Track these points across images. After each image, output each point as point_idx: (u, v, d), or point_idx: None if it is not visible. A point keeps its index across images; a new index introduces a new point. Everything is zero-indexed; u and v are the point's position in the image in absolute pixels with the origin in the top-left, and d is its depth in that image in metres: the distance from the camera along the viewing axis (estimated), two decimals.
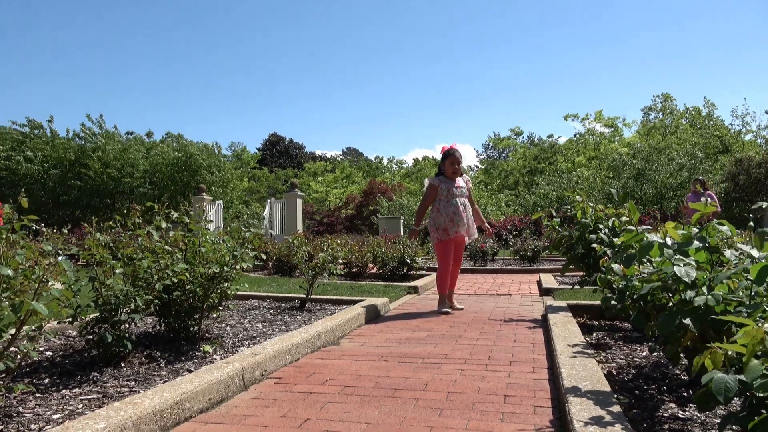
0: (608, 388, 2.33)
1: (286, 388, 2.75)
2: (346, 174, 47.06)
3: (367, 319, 4.72)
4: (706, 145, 29.85)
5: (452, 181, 5.40)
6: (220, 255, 3.48)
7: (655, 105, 38.95)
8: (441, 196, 5.36)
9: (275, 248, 9.03)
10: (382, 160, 56.02)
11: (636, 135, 38.18)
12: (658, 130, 36.28)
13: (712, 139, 32.47)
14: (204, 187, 18.43)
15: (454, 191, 5.35)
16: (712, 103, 35.85)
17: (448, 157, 5.43)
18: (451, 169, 5.39)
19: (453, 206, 5.28)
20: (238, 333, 3.88)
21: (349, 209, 34.22)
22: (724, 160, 27.27)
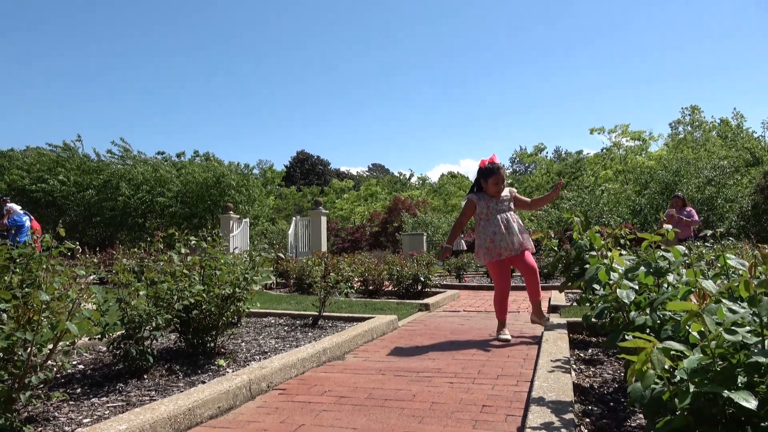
0: (570, 399, 2.58)
1: (288, 398, 3.07)
2: (369, 192, 47.55)
3: (374, 335, 5.02)
4: (736, 157, 29.38)
5: (494, 198, 4.85)
6: (234, 277, 3.85)
7: (683, 118, 38.53)
8: (481, 214, 4.83)
9: (295, 266, 9.40)
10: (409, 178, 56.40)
11: (664, 148, 37.77)
12: (687, 143, 35.87)
13: (742, 151, 31.94)
14: (231, 206, 19.04)
15: (495, 207, 4.80)
16: (741, 114, 35.31)
17: (492, 176, 4.79)
18: (495, 189, 4.80)
19: (494, 225, 4.75)
20: (251, 348, 4.22)
21: (374, 226, 34.62)
22: (754, 173, 26.83)
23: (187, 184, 24.44)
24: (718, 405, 1.63)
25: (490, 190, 4.82)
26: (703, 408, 1.61)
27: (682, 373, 1.66)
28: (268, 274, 4.24)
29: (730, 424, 1.66)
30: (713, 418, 1.65)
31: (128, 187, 23.71)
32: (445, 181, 54.13)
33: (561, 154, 47.31)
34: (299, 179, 58.80)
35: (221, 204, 23.34)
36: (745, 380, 1.69)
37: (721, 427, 1.60)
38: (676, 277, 2.34)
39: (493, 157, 4.94)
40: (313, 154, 63.19)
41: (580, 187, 29.34)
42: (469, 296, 9.17)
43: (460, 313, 6.90)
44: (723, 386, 1.56)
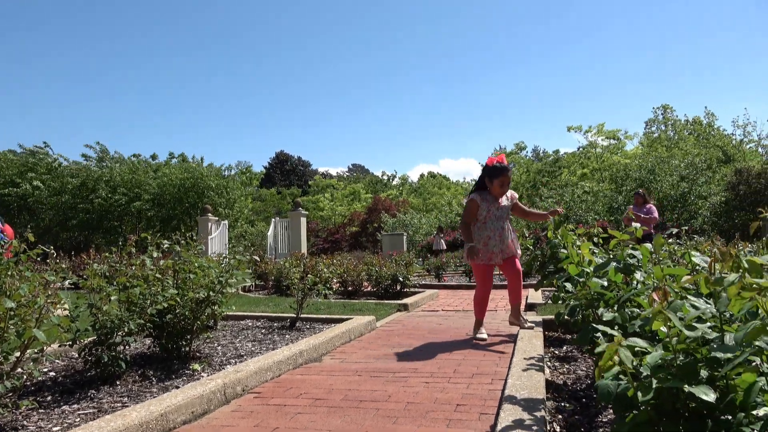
0: (542, 396, 2.61)
1: (264, 402, 3.06)
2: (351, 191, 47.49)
3: (352, 336, 5.02)
4: (708, 155, 29.99)
5: (496, 200, 4.83)
6: (209, 280, 3.81)
7: (656, 117, 39.19)
8: (480, 216, 4.81)
9: (274, 268, 9.35)
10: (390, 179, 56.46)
11: (639, 147, 38.40)
12: (661, 142, 36.49)
13: (714, 150, 32.61)
14: (209, 208, 18.85)
15: (494, 213, 4.80)
16: (713, 113, 36.09)
17: (500, 176, 4.75)
18: (501, 190, 4.79)
19: (490, 230, 4.77)
20: (227, 352, 4.19)
21: (354, 226, 34.58)
22: (725, 171, 27.40)
23: (164, 187, 24.13)
24: (680, 399, 1.67)
25: (495, 190, 4.79)
26: (666, 403, 1.64)
27: (647, 369, 1.69)
28: (243, 277, 4.21)
29: (692, 418, 1.69)
30: (676, 413, 1.68)
31: (105, 189, 23.34)
32: (425, 181, 54.32)
33: (539, 153, 47.76)
34: (279, 180, 58.47)
35: (199, 206, 23.10)
36: (707, 375, 1.73)
37: (683, 420, 1.64)
38: (643, 275, 2.39)
39: (501, 157, 4.87)
40: (294, 155, 62.91)
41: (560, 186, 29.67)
42: (448, 296, 9.21)
43: (439, 312, 6.93)
44: (684, 381, 1.59)
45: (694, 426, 1.64)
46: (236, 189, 27.05)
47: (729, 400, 1.62)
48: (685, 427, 1.63)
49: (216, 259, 4.08)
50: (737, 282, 1.38)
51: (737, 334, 1.41)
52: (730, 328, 1.65)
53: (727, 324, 1.73)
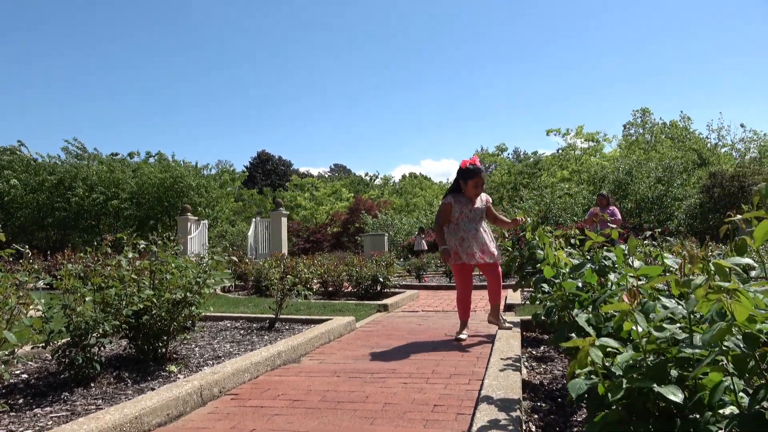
0: (518, 396, 2.63)
1: (241, 403, 3.04)
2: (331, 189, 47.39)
3: (332, 337, 5.01)
4: (684, 158, 30.52)
5: (470, 202, 4.89)
6: (186, 281, 3.77)
7: (635, 120, 39.80)
8: (452, 217, 4.87)
9: (253, 268, 9.29)
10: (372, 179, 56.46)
11: (617, 149, 38.93)
12: (639, 144, 37.04)
13: (690, 153, 33.20)
14: (189, 208, 18.66)
15: (468, 214, 4.85)
16: (688, 117, 36.78)
17: (473, 178, 4.83)
18: (474, 192, 4.86)
19: (463, 230, 4.83)
20: (205, 353, 4.15)
21: (336, 226, 34.51)
22: (700, 173, 27.93)
23: (142, 186, 23.84)
24: (650, 399, 1.70)
25: (469, 191, 4.86)
26: (636, 402, 1.66)
27: (618, 368, 1.72)
28: (222, 278, 4.17)
29: (662, 417, 1.73)
30: (646, 412, 1.71)
31: (82, 187, 22.97)
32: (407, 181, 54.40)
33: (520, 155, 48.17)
34: (261, 180, 58.12)
35: (179, 206, 22.87)
36: (677, 375, 1.76)
37: (652, 420, 1.66)
38: (617, 276, 2.43)
39: (474, 159, 4.93)
40: (275, 155, 62.57)
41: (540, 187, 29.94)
42: (429, 296, 9.24)
43: (419, 313, 6.95)
44: (654, 381, 1.62)
45: (664, 425, 1.67)
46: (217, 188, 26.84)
47: (697, 399, 1.66)
48: (655, 426, 1.65)
49: (194, 260, 4.05)
50: (704, 284, 1.41)
51: (704, 335, 1.44)
52: (699, 328, 1.68)
53: (697, 325, 1.77)
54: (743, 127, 42.78)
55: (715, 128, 36.90)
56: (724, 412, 1.63)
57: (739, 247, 1.73)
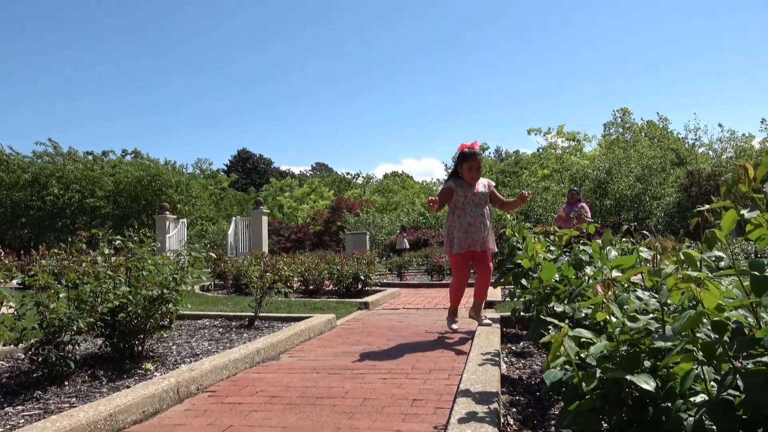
0: (496, 389, 2.66)
1: (218, 400, 3.02)
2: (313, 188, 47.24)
3: (312, 335, 5.00)
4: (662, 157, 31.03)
5: (471, 186, 4.78)
6: (163, 278, 3.74)
7: (615, 119, 40.32)
8: (457, 203, 4.73)
9: (233, 267, 9.23)
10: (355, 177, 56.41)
11: (597, 149, 39.43)
12: (619, 143, 37.56)
13: (668, 152, 33.77)
14: (167, 206, 18.48)
15: (472, 198, 4.73)
16: (666, 117, 37.37)
17: (467, 160, 4.72)
18: (469, 175, 4.75)
19: (469, 216, 4.70)
20: (182, 351, 4.12)
21: (317, 225, 34.42)
22: (679, 173, 28.43)
23: (119, 184, 23.53)
24: (623, 389, 1.73)
25: (465, 175, 4.75)
26: (610, 392, 1.70)
27: (592, 359, 1.75)
28: (200, 275, 4.15)
29: (636, 406, 1.76)
30: (620, 401, 1.74)
31: (57, 185, 22.58)
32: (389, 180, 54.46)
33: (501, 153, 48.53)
34: (241, 178, 57.70)
35: (157, 204, 22.62)
36: (650, 364, 1.80)
37: (625, 408, 1.70)
38: (593, 269, 2.47)
39: (474, 143, 4.83)
40: (255, 153, 62.17)
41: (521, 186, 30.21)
42: (410, 294, 9.26)
43: (399, 310, 6.96)
44: (627, 371, 1.65)
45: (637, 413, 1.70)
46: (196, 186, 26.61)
47: (669, 388, 1.69)
48: (628, 414, 1.69)
49: (171, 257, 4.01)
50: (674, 273, 1.44)
51: (674, 324, 1.47)
52: (671, 319, 1.72)
53: (669, 315, 1.81)
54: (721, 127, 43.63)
55: (692, 128, 37.59)
56: (695, 400, 1.67)
57: (710, 239, 1.77)
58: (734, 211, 1.41)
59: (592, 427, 1.68)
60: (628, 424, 1.69)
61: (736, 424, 1.42)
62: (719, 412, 1.43)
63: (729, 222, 1.44)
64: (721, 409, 1.43)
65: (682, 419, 1.57)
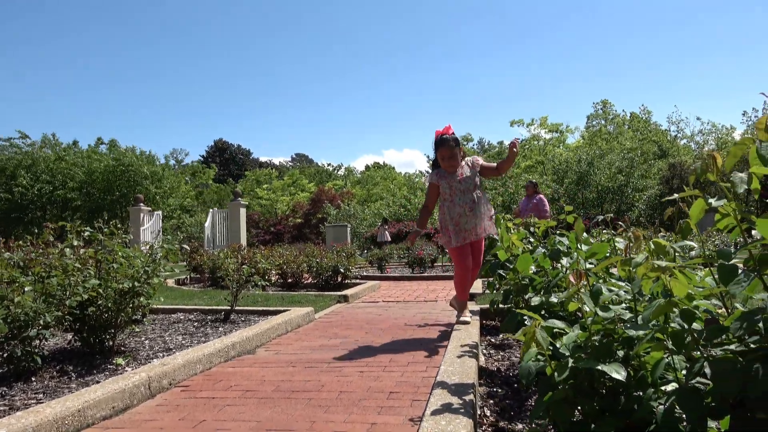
0: (472, 381, 2.69)
1: (191, 395, 3.01)
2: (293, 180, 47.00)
3: (289, 328, 4.99)
4: (645, 149, 31.46)
5: (454, 175, 4.57)
6: (134, 270, 3.70)
7: (596, 111, 40.70)
8: (444, 195, 4.59)
9: (209, 259, 9.17)
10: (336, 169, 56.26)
11: (580, 140, 39.82)
12: (602, 135, 37.97)
13: (650, 144, 34.23)
14: (142, 198, 18.25)
15: (458, 187, 4.53)
16: (648, 109, 37.81)
17: (439, 149, 4.54)
18: (445, 164, 4.54)
19: (459, 206, 4.50)
20: (155, 346, 4.09)
21: (297, 217, 34.29)
22: (661, 165, 28.85)
23: (92, 174, 23.16)
24: (596, 378, 1.76)
25: (442, 165, 4.57)
26: (583, 381, 1.73)
27: (565, 349, 1.78)
28: (173, 267, 4.11)
29: (608, 395, 1.80)
30: (593, 391, 1.78)
31: (26, 176, 22.15)
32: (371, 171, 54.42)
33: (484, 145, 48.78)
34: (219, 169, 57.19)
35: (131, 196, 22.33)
36: (623, 354, 1.84)
37: (598, 398, 1.73)
38: (569, 260, 2.50)
39: (447, 128, 4.59)
40: (233, 143, 61.62)
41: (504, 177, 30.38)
42: (390, 287, 9.30)
43: (379, 303, 6.99)
44: (599, 360, 1.68)
45: (609, 402, 1.73)
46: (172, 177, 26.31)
47: (640, 377, 1.73)
48: (600, 403, 1.72)
49: (143, 249, 3.97)
50: (645, 262, 1.47)
51: (645, 312, 1.50)
52: (643, 308, 1.75)
53: (642, 305, 1.84)
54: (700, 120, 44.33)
55: (675, 120, 38.09)
56: (667, 388, 1.71)
57: (683, 229, 1.81)
58: (702, 200, 1.44)
59: (564, 416, 1.71)
60: (600, 413, 1.73)
61: (704, 411, 1.45)
62: (688, 400, 1.46)
63: (697, 211, 1.47)
64: (690, 397, 1.46)
65: (652, 407, 1.61)
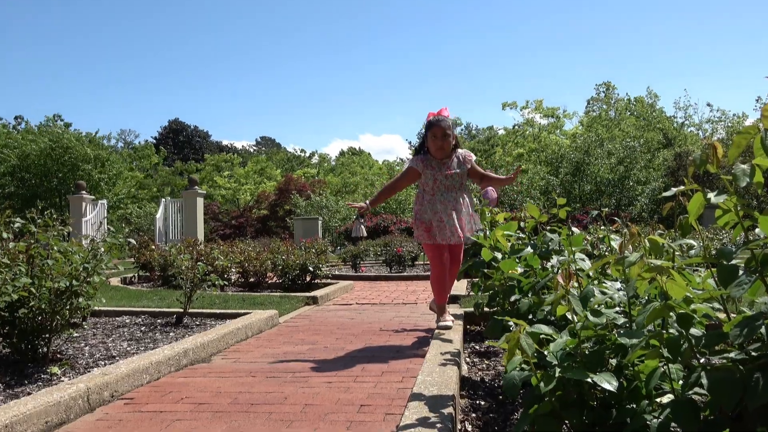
0: (452, 393, 2.72)
1: (136, 408, 2.99)
2: (260, 167, 46.66)
3: (249, 333, 4.98)
4: (649, 138, 31.92)
5: (442, 164, 4.51)
6: (72, 267, 3.65)
7: (598, 95, 41.14)
8: (425, 186, 4.55)
9: (160, 255, 9.09)
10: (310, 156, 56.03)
11: (578, 127, 40.24)
12: (602, 121, 38.40)
13: (655, 132, 34.74)
14: (83, 184, 17.99)
15: (443, 182, 4.49)
16: (656, 93, 38.30)
17: (431, 129, 4.47)
18: (433, 146, 4.47)
19: (439, 203, 4.48)
20: (96, 353, 4.05)
21: (262, 209, 34.11)
22: (666, 155, 29.33)
23: (25, 158, 22.70)
24: (585, 389, 1.79)
25: (430, 147, 4.51)
26: (571, 392, 1.76)
27: (552, 357, 1.80)
28: (116, 265, 4.07)
29: (599, 408, 1.83)
30: (582, 403, 1.81)
31: None
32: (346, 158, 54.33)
33: (472, 130, 49.05)
34: (173, 153, 56.54)
35: (72, 182, 21.97)
36: (616, 363, 1.87)
37: (587, 411, 1.76)
38: (560, 259, 2.53)
39: (442, 110, 4.57)
40: (189, 124, 60.97)
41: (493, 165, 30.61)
42: (365, 288, 9.32)
43: (352, 306, 7.01)
44: (589, 370, 1.71)
45: (599, 415, 1.77)
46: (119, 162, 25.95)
47: (634, 387, 1.77)
48: (589, 416, 1.75)
49: (85, 244, 3.92)
50: (638, 261, 1.50)
51: (638, 317, 1.53)
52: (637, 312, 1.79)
53: (636, 308, 1.88)
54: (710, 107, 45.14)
55: (682, 106, 38.75)
56: (662, 400, 1.75)
57: (683, 226, 1.84)
58: (701, 195, 1.47)
59: (551, 430, 1.74)
60: (589, 426, 1.76)
61: (700, 425, 1.49)
62: (684, 413, 1.50)
63: (696, 206, 1.50)
64: (685, 409, 1.50)
65: (646, 421, 1.64)
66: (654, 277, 1.46)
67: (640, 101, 39.46)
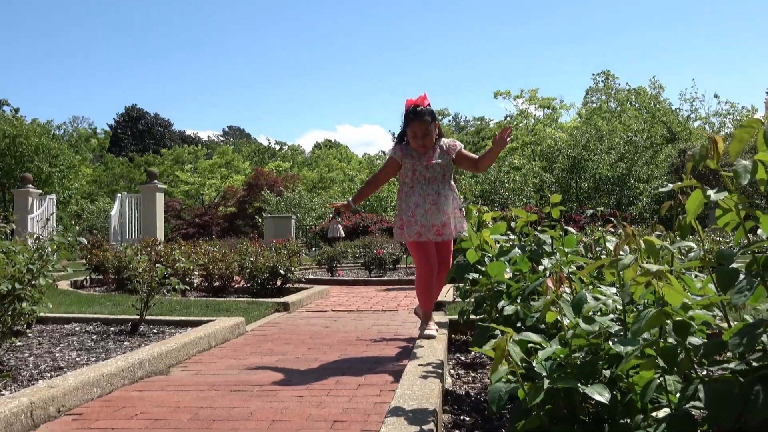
0: (434, 407, 2.73)
1: (85, 425, 2.96)
2: (226, 160, 46.42)
3: (213, 343, 4.96)
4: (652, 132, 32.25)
5: (422, 157, 4.50)
6: (15, 269, 3.62)
7: (596, 85, 41.50)
8: (405, 178, 4.56)
9: (114, 257, 9.02)
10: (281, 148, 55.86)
11: (576, 119, 40.57)
12: (601, 113, 38.72)
13: (658, 126, 35.12)
14: (30, 177, 17.79)
15: (423, 173, 4.47)
16: (660, 84, 38.67)
17: (410, 125, 4.46)
18: (414, 143, 4.49)
19: (418, 195, 4.47)
20: (41, 364, 4.01)
21: (229, 206, 33.96)
22: (670, 150, 29.68)
23: None
24: (577, 402, 1.82)
25: (412, 143, 4.50)
26: (561, 406, 1.78)
27: (541, 367, 1.82)
28: (64, 267, 4.04)
29: (591, 422, 1.85)
30: (572, 417, 1.83)
31: None
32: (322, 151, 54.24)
33: (460, 121, 49.27)
34: (130, 143, 56.08)
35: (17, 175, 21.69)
36: (610, 373, 1.90)
37: (578, 426, 1.78)
38: (551, 261, 2.56)
39: (421, 98, 4.53)
40: (149, 112, 60.48)
41: None
42: (341, 293, 9.33)
43: (327, 313, 7.01)
44: (581, 381, 1.73)
45: (590, 431, 1.79)
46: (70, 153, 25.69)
47: (629, 400, 1.79)
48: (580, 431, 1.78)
49: (30, 243, 3.88)
50: (633, 265, 1.52)
51: (633, 325, 1.56)
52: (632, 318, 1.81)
53: (631, 315, 1.90)
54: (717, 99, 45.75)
55: (689, 98, 39.23)
56: (658, 414, 1.77)
57: (683, 226, 1.87)
58: (700, 192, 1.49)
59: None
60: None
61: None
62: (680, 429, 1.53)
63: (695, 205, 1.53)
64: (682, 424, 1.53)
65: None
66: (650, 281, 1.48)
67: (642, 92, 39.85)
